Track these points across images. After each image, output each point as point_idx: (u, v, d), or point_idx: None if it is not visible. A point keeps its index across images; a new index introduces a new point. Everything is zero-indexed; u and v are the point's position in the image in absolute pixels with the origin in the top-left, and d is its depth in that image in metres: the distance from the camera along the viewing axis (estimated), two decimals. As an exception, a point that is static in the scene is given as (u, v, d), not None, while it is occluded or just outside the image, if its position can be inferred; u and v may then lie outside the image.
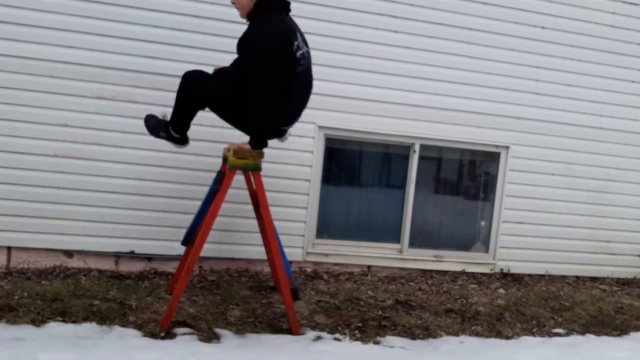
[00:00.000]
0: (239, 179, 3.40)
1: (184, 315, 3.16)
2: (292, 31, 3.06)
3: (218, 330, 3.03)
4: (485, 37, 4.35)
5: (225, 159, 3.26)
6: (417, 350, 3.05)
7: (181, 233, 3.55)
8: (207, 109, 3.30)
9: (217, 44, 3.87)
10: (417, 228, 4.46)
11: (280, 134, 3.32)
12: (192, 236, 3.38)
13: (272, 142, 3.93)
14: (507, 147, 4.50)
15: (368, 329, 3.28)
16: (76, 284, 3.50)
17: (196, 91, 3.15)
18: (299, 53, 3.07)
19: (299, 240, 4.17)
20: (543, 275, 4.67)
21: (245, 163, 3.07)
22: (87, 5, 3.67)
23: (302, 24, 3.98)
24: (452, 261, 4.50)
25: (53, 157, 3.72)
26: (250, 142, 3.06)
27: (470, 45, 4.34)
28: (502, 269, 4.60)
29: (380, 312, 3.55)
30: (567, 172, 4.63)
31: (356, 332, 3.23)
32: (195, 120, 3.89)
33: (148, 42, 3.78)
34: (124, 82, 3.77)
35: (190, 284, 3.65)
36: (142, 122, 3.80)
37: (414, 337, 3.26)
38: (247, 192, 3.51)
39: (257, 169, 3.09)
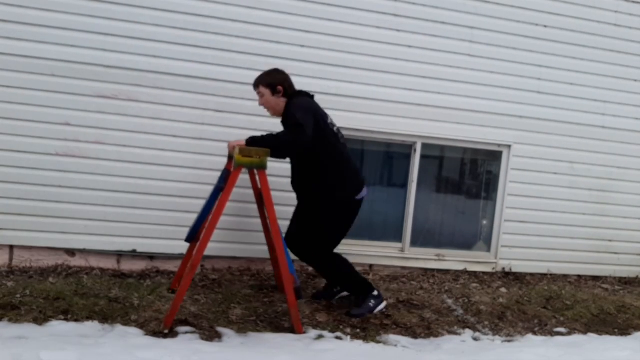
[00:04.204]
0: (243, 177, 3.40)
1: (186, 314, 3.16)
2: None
3: (220, 329, 3.04)
4: (488, 35, 4.34)
5: (230, 157, 3.27)
6: (419, 349, 3.05)
7: (183, 232, 3.56)
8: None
9: (219, 43, 3.87)
10: (419, 227, 4.45)
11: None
12: (196, 233, 3.39)
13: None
14: (509, 146, 4.49)
15: (370, 328, 3.28)
16: (78, 283, 3.51)
17: None
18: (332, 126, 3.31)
19: (301, 239, 4.17)
20: (545, 274, 4.66)
21: (251, 161, 3.06)
22: (89, 4, 3.67)
23: (304, 23, 4.02)
24: (453, 260, 4.50)
25: (55, 156, 3.72)
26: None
27: (473, 44, 4.33)
28: (504, 268, 4.60)
29: (382, 311, 3.56)
30: (569, 171, 4.62)
31: (358, 330, 3.23)
32: (198, 119, 3.91)
33: (150, 41, 3.77)
34: (126, 81, 3.77)
35: (192, 283, 3.64)
36: (142, 121, 3.82)
37: (415, 336, 3.26)
38: (248, 191, 3.51)
39: (262, 167, 3.09)
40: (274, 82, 3.23)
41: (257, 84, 3.28)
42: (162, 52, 3.80)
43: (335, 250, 3.45)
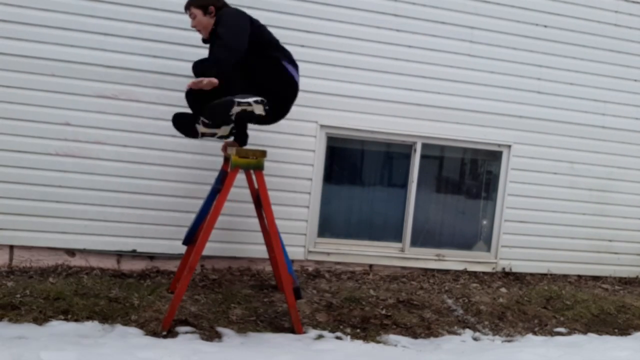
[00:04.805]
0: (240, 177, 3.40)
1: (186, 314, 3.16)
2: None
3: (220, 329, 3.04)
4: (488, 35, 4.34)
5: (227, 159, 3.26)
6: (419, 349, 3.05)
7: (183, 232, 3.56)
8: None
9: (219, 43, 3.87)
10: (419, 227, 4.45)
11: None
12: (194, 235, 3.38)
13: (273, 141, 3.96)
14: (509, 146, 4.50)
15: (370, 328, 3.28)
16: (78, 283, 3.51)
17: None
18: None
19: (301, 239, 4.17)
20: (545, 274, 4.66)
21: (247, 162, 3.06)
22: (89, 4, 3.67)
23: (304, 22, 4.02)
24: (454, 260, 4.50)
25: (55, 156, 3.72)
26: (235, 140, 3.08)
27: (473, 44, 4.33)
28: (504, 268, 4.60)
29: (381, 311, 3.55)
30: (569, 171, 4.62)
31: (358, 331, 3.24)
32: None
33: (151, 41, 3.78)
34: (126, 81, 3.77)
35: (192, 283, 3.65)
36: (143, 121, 3.82)
37: (415, 336, 3.26)
38: (248, 191, 3.51)
39: (259, 168, 3.09)
40: (205, 2, 3.14)
41: (188, 6, 3.19)
42: (162, 52, 3.80)
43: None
